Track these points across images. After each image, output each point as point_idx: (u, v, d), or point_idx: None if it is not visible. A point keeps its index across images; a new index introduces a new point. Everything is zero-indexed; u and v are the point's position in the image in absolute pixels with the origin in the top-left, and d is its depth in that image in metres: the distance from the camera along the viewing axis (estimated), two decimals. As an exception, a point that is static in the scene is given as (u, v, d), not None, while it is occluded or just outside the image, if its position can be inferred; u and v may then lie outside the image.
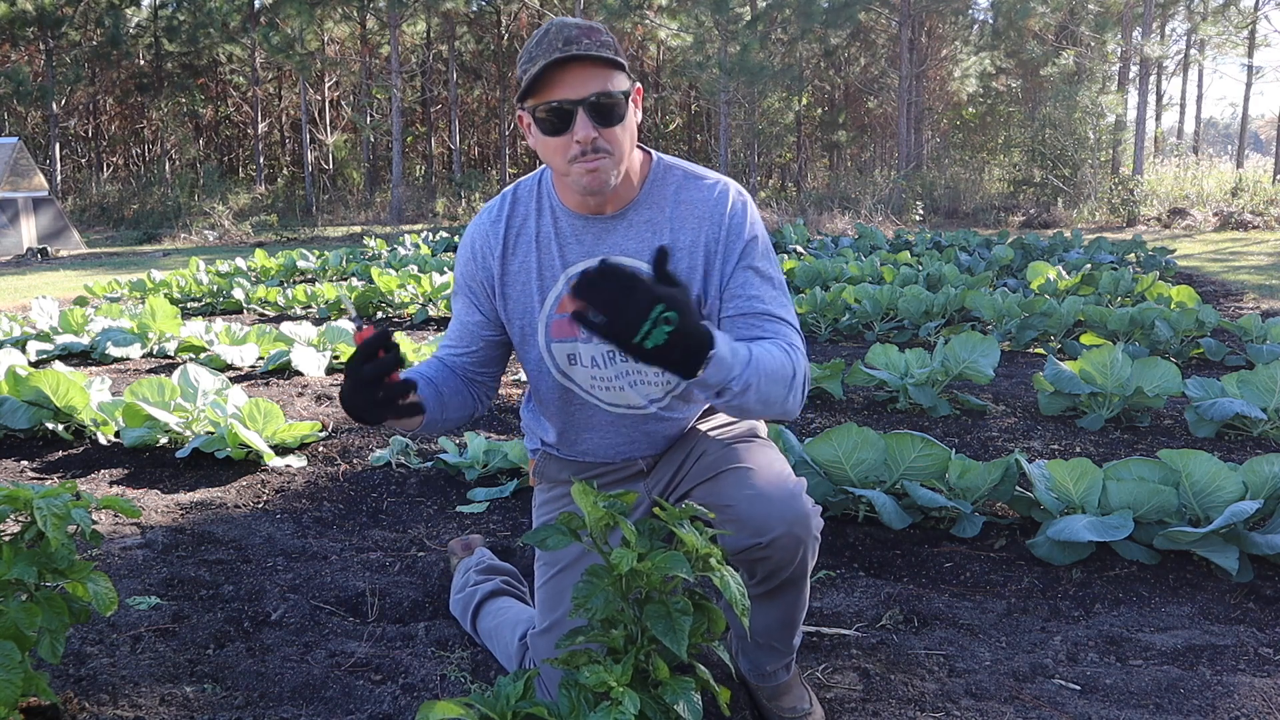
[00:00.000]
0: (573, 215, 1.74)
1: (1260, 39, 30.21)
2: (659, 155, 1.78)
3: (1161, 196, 20.44)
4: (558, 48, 1.55)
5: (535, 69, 1.55)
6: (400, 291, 8.33)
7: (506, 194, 1.82)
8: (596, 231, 1.73)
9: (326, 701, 2.00)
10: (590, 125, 1.57)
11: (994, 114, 29.55)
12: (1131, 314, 5.74)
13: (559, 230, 1.75)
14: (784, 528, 1.66)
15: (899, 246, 12.12)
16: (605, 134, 1.59)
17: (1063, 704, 1.97)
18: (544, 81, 1.57)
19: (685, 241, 1.72)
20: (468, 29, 32.01)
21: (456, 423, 1.80)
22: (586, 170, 1.60)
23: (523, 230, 1.78)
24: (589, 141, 1.58)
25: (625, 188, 1.71)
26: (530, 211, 1.78)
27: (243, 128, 36.48)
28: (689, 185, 1.75)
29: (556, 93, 1.57)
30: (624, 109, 1.61)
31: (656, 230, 1.72)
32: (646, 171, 1.75)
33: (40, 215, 19.35)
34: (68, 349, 6.33)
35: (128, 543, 2.94)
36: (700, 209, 1.72)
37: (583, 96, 1.56)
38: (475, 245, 1.81)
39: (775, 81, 25.10)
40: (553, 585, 1.88)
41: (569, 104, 1.57)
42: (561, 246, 1.75)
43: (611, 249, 1.73)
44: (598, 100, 1.57)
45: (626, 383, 1.80)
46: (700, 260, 1.71)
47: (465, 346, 1.84)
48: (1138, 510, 2.67)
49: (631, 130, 1.66)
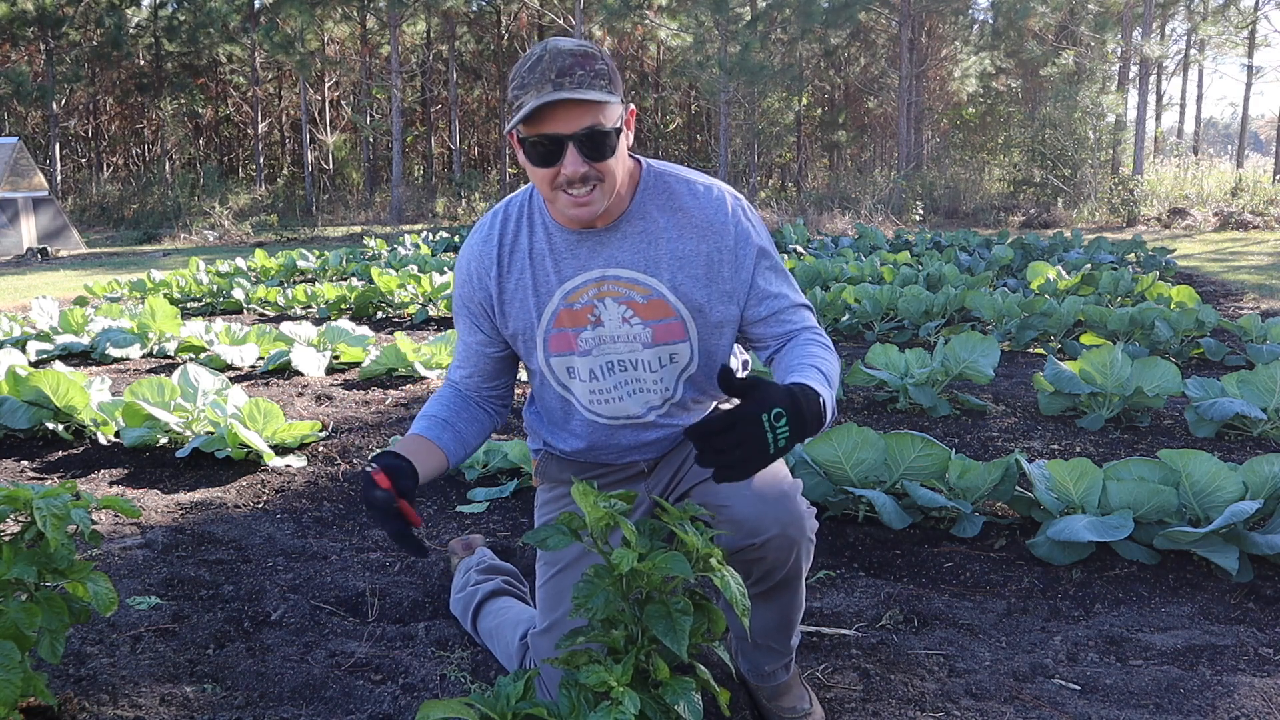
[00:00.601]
0: (565, 231, 1.74)
1: (1260, 39, 30.22)
2: (648, 162, 1.78)
3: (1161, 196, 20.44)
4: (550, 79, 1.52)
5: (528, 101, 1.54)
6: (400, 291, 8.34)
7: (496, 212, 1.82)
8: (591, 245, 1.73)
9: (326, 701, 2.00)
10: (580, 160, 1.57)
11: (994, 114, 29.53)
12: (1131, 314, 5.74)
13: (553, 246, 1.75)
14: (778, 529, 1.67)
15: (899, 246, 12.12)
16: (596, 166, 1.59)
17: (1063, 704, 1.97)
18: (534, 113, 1.55)
19: (687, 250, 1.72)
20: (468, 29, 32.01)
21: (479, 444, 1.86)
22: (575, 204, 1.61)
23: (515, 247, 1.78)
24: (577, 176, 1.58)
25: (616, 201, 1.71)
26: (522, 229, 1.78)
27: (243, 128, 36.48)
28: (683, 193, 1.74)
29: (547, 125, 1.56)
30: (615, 141, 1.60)
31: (652, 240, 1.73)
32: (637, 180, 1.74)
33: (40, 215, 19.35)
34: (68, 349, 6.33)
35: (128, 543, 2.94)
36: (699, 217, 1.73)
37: (573, 131, 1.55)
38: (471, 267, 1.81)
39: (775, 81, 25.10)
40: (553, 585, 1.88)
41: (559, 138, 1.56)
42: (556, 261, 1.75)
43: (607, 261, 1.73)
44: (589, 135, 1.56)
45: (625, 392, 1.81)
46: (703, 269, 1.73)
47: (472, 367, 1.88)
48: (1138, 510, 2.67)
49: (623, 157, 1.66)
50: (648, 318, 1.74)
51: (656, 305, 1.74)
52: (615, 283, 1.74)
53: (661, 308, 1.74)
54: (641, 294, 1.73)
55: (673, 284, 1.73)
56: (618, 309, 1.74)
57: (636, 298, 1.74)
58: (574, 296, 1.75)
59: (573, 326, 1.76)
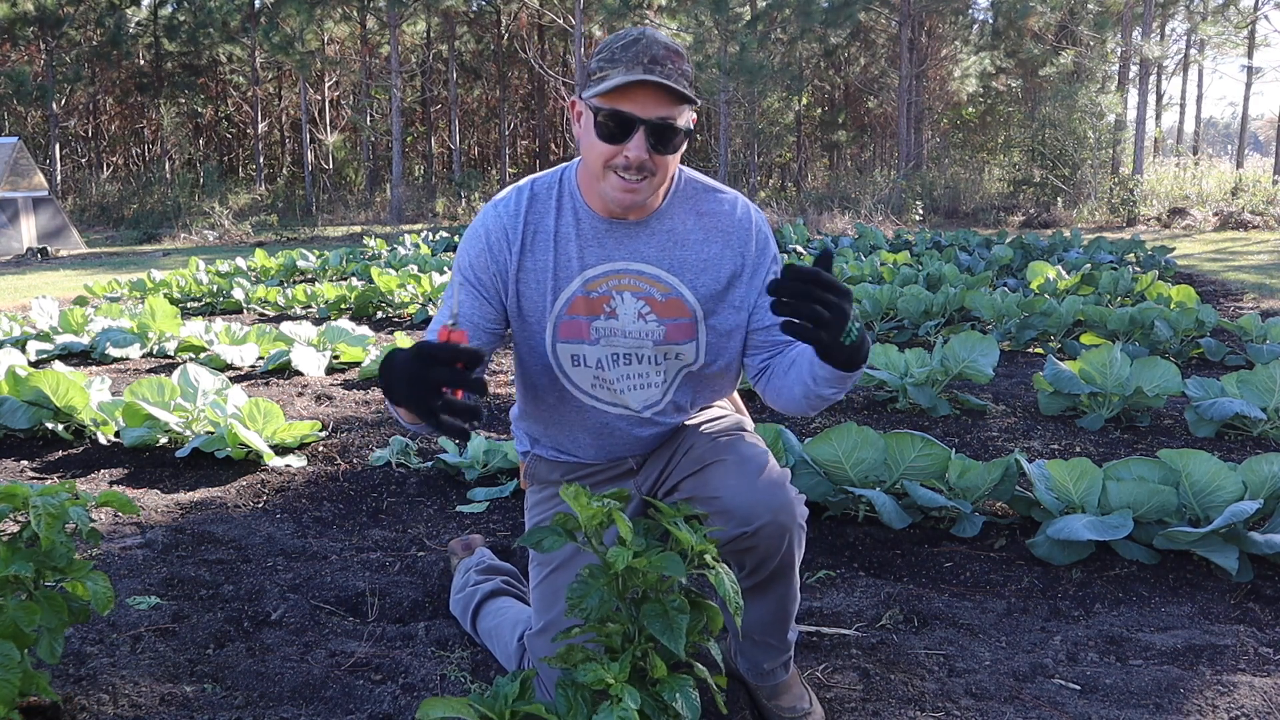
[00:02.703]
0: (596, 217, 1.75)
1: (1260, 39, 30.21)
2: (681, 168, 1.81)
3: (1161, 196, 20.44)
4: (643, 61, 1.57)
5: (615, 76, 1.57)
6: (400, 291, 8.34)
7: (523, 188, 1.80)
8: (619, 236, 1.75)
9: (326, 701, 2.00)
10: (645, 146, 1.60)
11: (994, 114, 29.53)
12: (1131, 314, 5.74)
13: (580, 231, 1.75)
14: (769, 515, 1.68)
15: (899, 246, 12.12)
16: (656, 159, 1.62)
17: (1063, 704, 1.97)
18: (617, 89, 1.58)
19: (713, 254, 1.77)
20: (468, 29, 31.99)
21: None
22: (625, 188, 1.64)
23: (540, 227, 1.77)
24: (638, 161, 1.61)
25: (651, 198, 1.73)
26: (549, 209, 1.77)
27: (243, 128, 36.46)
28: (709, 199, 1.80)
29: (625, 104, 1.59)
30: (680, 141, 1.65)
31: (679, 240, 1.76)
32: (670, 183, 1.78)
33: (40, 215, 19.34)
34: (68, 349, 6.32)
35: (127, 542, 2.94)
36: (724, 223, 1.78)
37: (649, 117, 1.59)
38: (491, 237, 1.76)
39: (775, 81, 25.09)
40: (547, 585, 1.88)
41: (633, 119, 1.59)
42: (581, 247, 1.75)
43: (632, 255, 1.75)
44: (661, 125, 1.60)
45: (627, 385, 1.81)
46: (726, 273, 1.77)
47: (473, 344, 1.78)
48: (1138, 510, 2.66)
49: (678, 160, 1.71)
50: (664, 316, 1.76)
51: (674, 304, 1.76)
52: (637, 277, 1.75)
53: (678, 307, 1.76)
54: (661, 291, 1.75)
55: (693, 286, 1.76)
56: (635, 303, 1.75)
57: (656, 295, 1.75)
58: (594, 284, 1.75)
59: (587, 314, 1.76)
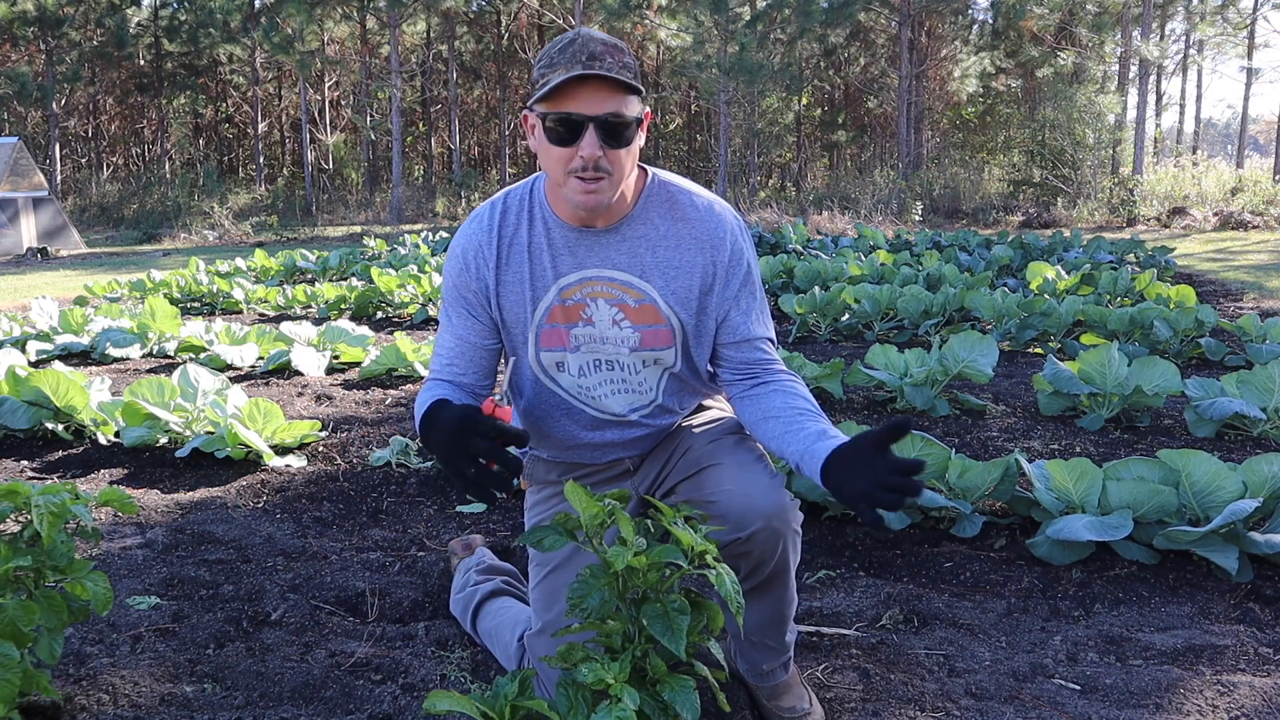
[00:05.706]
0: (565, 226, 1.75)
1: (1259, 40, 30.23)
2: (654, 171, 1.80)
3: (1161, 196, 20.43)
4: (580, 61, 1.55)
5: (554, 78, 1.56)
6: (400, 291, 8.34)
7: (495, 203, 1.81)
8: (589, 244, 1.74)
9: (326, 701, 2.00)
10: (597, 143, 1.58)
11: (994, 114, 29.52)
12: (1131, 314, 5.74)
13: (551, 240, 1.75)
14: (763, 521, 1.68)
15: (899, 246, 12.11)
16: (610, 155, 1.60)
17: (1063, 704, 1.97)
18: (560, 91, 1.57)
19: (684, 260, 1.75)
20: (468, 29, 31.99)
21: None
22: (584, 190, 1.62)
23: (514, 240, 1.77)
24: (592, 160, 1.59)
25: (619, 203, 1.72)
26: (522, 221, 1.78)
27: (243, 128, 36.47)
28: (685, 204, 1.77)
29: (570, 105, 1.57)
30: (633, 133, 1.62)
31: (651, 246, 1.75)
32: (641, 187, 1.77)
33: (40, 215, 19.34)
34: (68, 349, 6.32)
35: (128, 542, 2.94)
36: (699, 230, 1.76)
37: (596, 114, 1.57)
38: (468, 256, 1.78)
39: (775, 81, 25.10)
40: (546, 585, 1.88)
41: (581, 118, 1.57)
42: (554, 257, 1.75)
43: (603, 262, 1.74)
44: (609, 120, 1.58)
45: (609, 390, 1.82)
46: (698, 280, 1.76)
47: (467, 362, 1.80)
48: (1137, 510, 2.66)
49: (635, 154, 1.68)
50: (638, 322, 1.76)
51: (647, 310, 1.75)
52: (609, 284, 1.75)
53: (652, 313, 1.76)
54: (634, 298, 1.75)
55: (665, 292, 1.75)
56: (609, 310, 1.76)
57: (629, 301, 1.75)
58: (568, 293, 1.76)
59: (565, 322, 1.77)
